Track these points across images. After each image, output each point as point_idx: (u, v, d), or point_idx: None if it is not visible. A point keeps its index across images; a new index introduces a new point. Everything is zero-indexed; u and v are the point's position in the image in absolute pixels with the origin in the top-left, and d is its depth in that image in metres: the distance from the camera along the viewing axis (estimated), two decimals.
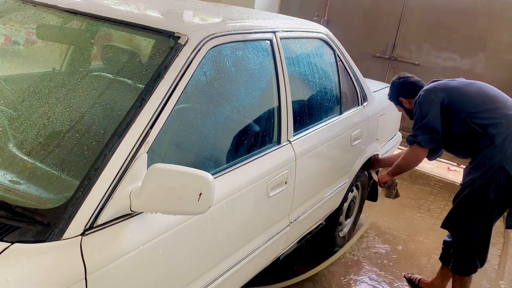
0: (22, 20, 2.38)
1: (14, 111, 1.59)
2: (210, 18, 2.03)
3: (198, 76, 1.57)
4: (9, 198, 1.18)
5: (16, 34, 3.21)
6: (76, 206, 1.15)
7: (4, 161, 1.33)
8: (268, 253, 2.01)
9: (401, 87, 2.65)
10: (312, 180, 2.23)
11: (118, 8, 1.82)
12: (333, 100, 2.52)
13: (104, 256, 1.18)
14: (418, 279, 2.81)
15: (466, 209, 2.34)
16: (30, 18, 2.29)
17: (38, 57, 2.85)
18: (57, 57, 2.46)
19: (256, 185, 1.75)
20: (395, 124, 3.47)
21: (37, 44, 3.52)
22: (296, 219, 2.13)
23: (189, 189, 1.22)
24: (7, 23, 2.40)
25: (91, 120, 1.44)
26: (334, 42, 2.55)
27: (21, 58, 3.13)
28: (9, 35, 2.97)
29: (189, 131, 1.64)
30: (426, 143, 2.41)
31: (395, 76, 2.72)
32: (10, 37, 3.11)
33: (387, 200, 3.04)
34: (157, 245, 1.33)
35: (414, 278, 2.83)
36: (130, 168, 1.26)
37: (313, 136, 2.19)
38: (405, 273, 2.90)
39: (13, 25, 2.39)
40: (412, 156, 2.52)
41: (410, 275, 2.87)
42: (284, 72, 2.01)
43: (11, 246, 1.05)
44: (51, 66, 2.38)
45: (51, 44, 2.41)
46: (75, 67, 2.06)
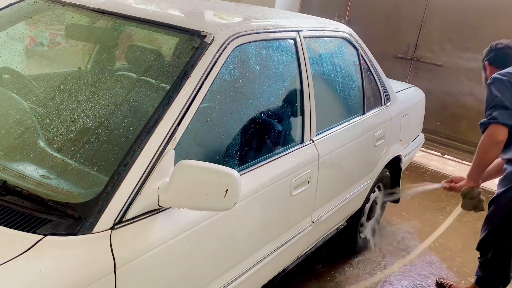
0: (50, 20, 2.44)
1: (43, 109, 1.63)
2: (235, 17, 2.05)
3: (223, 74, 1.59)
4: (41, 192, 1.21)
5: (41, 35, 3.29)
6: (106, 201, 1.18)
7: (35, 157, 1.36)
8: (290, 252, 2.00)
9: (493, 52, 2.47)
10: (334, 180, 2.22)
11: (144, 8, 1.85)
12: (356, 99, 2.50)
13: (132, 250, 1.20)
14: (449, 284, 2.75)
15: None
16: (57, 19, 2.34)
17: (63, 57, 2.91)
18: (81, 57, 2.51)
19: (279, 183, 1.75)
20: (418, 125, 3.42)
21: (61, 45, 3.60)
22: (318, 219, 2.13)
23: (215, 185, 1.23)
24: (34, 24, 2.46)
25: (119, 118, 1.47)
26: (357, 41, 2.53)
27: (46, 59, 3.21)
28: (34, 36, 3.04)
29: (214, 129, 1.66)
30: (505, 119, 2.12)
31: (497, 41, 2.54)
32: (35, 38, 3.18)
33: (408, 202, 2.96)
34: (183, 241, 1.35)
35: (445, 283, 2.76)
36: (158, 164, 1.28)
37: (336, 135, 2.18)
38: (437, 278, 2.84)
39: (39, 26, 2.45)
40: (490, 138, 2.16)
41: (442, 280, 2.80)
42: (308, 71, 2.01)
43: (44, 238, 1.08)
44: (76, 65, 2.43)
45: (75, 45, 2.47)
46: (101, 66, 2.09)
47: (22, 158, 1.35)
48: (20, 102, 1.65)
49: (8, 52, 2.15)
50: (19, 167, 1.31)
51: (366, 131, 2.46)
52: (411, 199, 3.84)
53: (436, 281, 2.81)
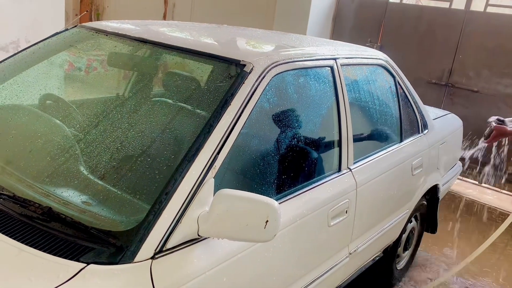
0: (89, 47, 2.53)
1: (85, 136, 1.66)
2: (272, 45, 2.06)
3: (262, 103, 1.59)
4: (83, 219, 1.22)
5: (78, 61, 3.40)
6: (147, 230, 1.17)
7: (78, 184, 1.39)
8: (326, 284, 1.94)
9: None
10: (372, 210, 2.16)
11: (184, 37, 1.89)
12: (394, 127, 2.46)
13: (172, 280, 1.18)
14: None
15: None
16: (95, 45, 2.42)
17: (100, 82, 3.00)
18: (117, 83, 2.57)
19: (317, 213, 1.72)
20: (456, 153, 3.32)
21: (96, 71, 3.72)
22: (356, 250, 2.07)
23: (255, 216, 1.22)
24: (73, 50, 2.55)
25: (160, 145, 1.48)
26: (394, 68, 2.51)
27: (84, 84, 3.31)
28: (72, 62, 3.16)
29: (252, 157, 1.65)
30: None
31: None
32: (73, 64, 3.30)
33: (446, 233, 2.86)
34: (222, 272, 1.33)
35: None
36: (198, 193, 1.27)
37: (373, 164, 2.13)
38: None
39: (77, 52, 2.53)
40: None
41: None
42: (345, 99, 1.99)
43: (87, 266, 1.09)
44: (113, 91, 2.49)
45: (111, 70, 2.54)
46: (141, 94, 2.14)
47: (65, 185, 1.38)
48: (62, 128, 1.70)
49: (48, 77, 2.23)
50: (63, 194, 1.33)
51: (403, 159, 2.40)
52: (449, 229, 3.71)
53: None
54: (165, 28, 2.15)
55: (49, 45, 2.15)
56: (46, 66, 2.14)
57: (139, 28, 2.03)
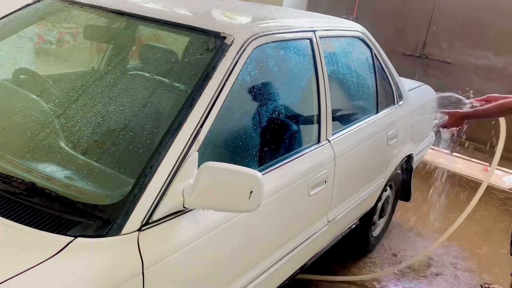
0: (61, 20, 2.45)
1: (65, 110, 1.64)
2: (251, 17, 2.05)
3: (243, 76, 1.59)
4: (69, 194, 1.22)
5: (49, 33, 3.30)
6: (133, 203, 1.19)
7: (61, 159, 1.38)
8: (306, 251, 2.02)
9: None
10: (350, 179, 2.23)
11: (162, 9, 1.86)
12: (370, 99, 2.51)
13: (160, 251, 1.21)
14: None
15: None
16: (67, 18, 2.35)
17: (72, 56, 2.92)
18: (90, 56, 2.51)
19: (297, 184, 1.76)
20: (429, 124, 3.42)
21: (68, 44, 3.61)
22: (334, 218, 2.14)
23: (240, 187, 1.25)
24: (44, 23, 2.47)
25: (142, 119, 1.48)
26: (370, 40, 2.53)
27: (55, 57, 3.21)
28: (42, 35, 3.05)
29: (234, 130, 1.67)
30: None
31: None
32: (43, 37, 3.19)
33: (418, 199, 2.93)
34: (207, 241, 1.36)
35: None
36: (183, 166, 1.29)
37: (351, 135, 2.19)
38: (482, 283, 2.82)
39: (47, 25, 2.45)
40: None
41: (487, 285, 2.78)
42: (324, 71, 2.02)
43: (74, 240, 1.10)
44: (87, 64, 2.44)
45: (83, 43, 2.48)
46: (117, 67, 2.10)
47: (48, 160, 1.37)
48: (40, 103, 1.66)
49: (19, 52, 2.16)
50: (46, 169, 1.33)
51: (379, 130, 2.46)
52: (422, 197, 3.84)
53: (481, 286, 2.80)
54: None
55: (20, 18, 2.07)
56: (16, 40, 2.07)
57: (115, 0, 1.98)
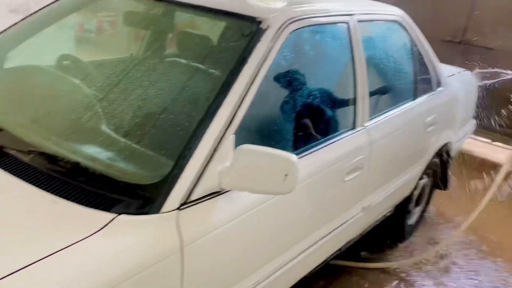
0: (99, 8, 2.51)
1: (108, 95, 1.69)
2: (287, 1, 2.03)
3: (279, 60, 1.60)
4: (111, 173, 1.27)
5: (88, 22, 3.39)
6: (172, 183, 1.23)
7: (104, 141, 1.43)
8: (340, 237, 2.02)
9: None
10: (386, 166, 2.20)
11: None
12: (408, 84, 2.45)
13: (198, 230, 1.25)
14: None
15: None
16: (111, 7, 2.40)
17: (112, 44, 2.99)
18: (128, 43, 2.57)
19: (333, 169, 1.76)
20: (469, 111, 3.31)
21: (107, 32, 3.69)
22: (369, 205, 2.12)
23: (275, 169, 1.26)
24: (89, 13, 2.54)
25: (180, 103, 1.52)
26: (409, 24, 2.47)
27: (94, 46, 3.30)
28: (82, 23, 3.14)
29: (269, 114, 1.68)
30: None
31: None
32: (83, 25, 3.28)
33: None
34: (242, 223, 1.39)
35: None
36: (219, 148, 1.32)
37: (388, 121, 2.15)
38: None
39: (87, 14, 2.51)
40: None
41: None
42: (361, 56, 1.99)
43: (117, 217, 1.15)
44: (125, 52, 2.50)
45: (121, 31, 2.53)
46: (155, 54, 2.14)
47: (91, 142, 1.42)
48: (82, 87, 1.73)
49: (60, 40, 2.24)
50: (89, 151, 1.38)
51: (417, 117, 2.41)
52: (460, 186, 3.74)
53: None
54: None
55: (61, 7, 2.14)
56: (58, 28, 2.14)
57: None
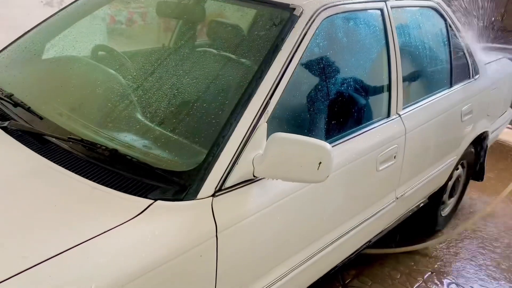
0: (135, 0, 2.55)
1: (138, 84, 1.72)
2: None
3: (311, 47, 1.58)
4: (148, 160, 1.30)
5: (119, 13, 3.45)
6: (207, 170, 1.24)
7: (139, 129, 1.46)
8: (374, 227, 2.00)
9: None
10: (420, 156, 2.15)
11: None
12: (444, 72, 2.39)
13: (232, 216, 1.26)
14: None
15: None
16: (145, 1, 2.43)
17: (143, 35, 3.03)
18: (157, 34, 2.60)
19: (366, 157, 1.74)
20: (507, 100, 3.20)
21: (137, 23, 3.75)
22: (403, 195, 2.09)
23: (309, 157, 1.25)
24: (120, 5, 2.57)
25: (215, 92, 1.53)
26: (445, 10, 2.40)
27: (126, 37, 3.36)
28: (113, 15, 3.20)
29: (303, 102, 1.67)
30: None
31: None
32: (114, 17, 3.34)
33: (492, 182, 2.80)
34: (276, 210, 1.40)
35: None
36: (253, 137, 1.32)
37: (423, 110, 2.10)
38: None
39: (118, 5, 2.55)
40: None
41: None
42: (395, 43, 1.95)
43: (155, 202, 1.17)
44: (156, 43, 2.53)
45: (150, 22, 2.56)
46: (187, 44, 2.16)
47: (128, 130, 1.45)
48: (118, 77, 1.76)
49: (94, 31, 2.28)
50: (126, 138, 1.41)
51: (453, 105, 2.35)
52: (495, 178, 3.63)
53: None
54: None
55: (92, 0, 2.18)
56: (91, 20, 2.18)
57: None
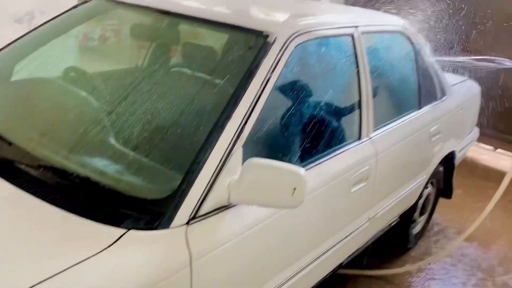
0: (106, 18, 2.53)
1: (111, 108, 1.70)
2: (292, 14, 2.05)
3: (285, 72, 1.61)
4: (121, 187, 1.28)
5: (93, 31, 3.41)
6: (182, 197, 1.23)
7: (112, 155, 1.44)
8: (347, 248, 2.02)
9: None
10: (391, 177, 2.20)
11: (206, 8, 1.90)
12: (412, 94, 2.46)
13: (206, 244, 1.25)
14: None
15: None
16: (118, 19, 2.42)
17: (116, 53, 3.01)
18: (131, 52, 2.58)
19: (339, 180, 1.77)
20: (473, 119, 3.32)
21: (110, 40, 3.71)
22: (375, 215, 2.12)
23: (284, 183, 1.27)
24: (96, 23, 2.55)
25: (188, 116, 1.53)
26: (413, 35, 2.48)
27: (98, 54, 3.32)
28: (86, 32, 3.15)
29: (276, 126, 1.68)
30: None
31: None
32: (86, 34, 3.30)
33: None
34: (251, 237, 1.39)
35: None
36: (228, 162, 1.32)
37: (393, 132, 2.16)
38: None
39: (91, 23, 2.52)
40: None
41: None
42: (365, 67, 2.00)
43: (127, 232, 1.15)
44: (129, 62, 2.51)
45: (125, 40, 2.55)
46: (162, 65, 2.15)
47: (100, 155, 1.43)
48: (90, 100, 1.74)
49: (67, 50, 2.25)
50: (98, 164, 1.39)
51: (422, 126, 2.42)
52: (464, 194, 3.74)
53: None
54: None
55: (68, 19, 2.16)
56: (64, 39, 2.15)
57: None
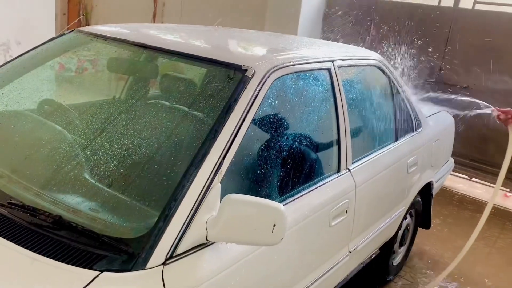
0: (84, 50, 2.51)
1: (86, 142, 1.67)
2: (270, 49, 2.09)
3: (264, 106, 1.61)
4: (94, 227, 1.24)
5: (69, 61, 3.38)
6: (158, 236, 1.19)
7: (85, 192, 1.40)
8: (328, 282, 1.98)
9: None
10: (371, 209, 2.20)
11: (185, 42, 1.90)
12: (389, 126, 2.50)
13: (183, 285, 1.21)
14: None
15: None
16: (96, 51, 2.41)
17: (93, 84, 2.98)
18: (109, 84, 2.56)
19: (319, 214, 1.75)
20: (448, 150, 3.39)
21: (88, 71, 3.69)
22: (355, 248, 2.11)
23: (263, 220, 1.25)
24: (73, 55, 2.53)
25: (165, 151, 1.50)
26: (388, 68, 2.55)
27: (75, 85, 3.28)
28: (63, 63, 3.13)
29: (255, 161, 1.68)
30: None
31: None
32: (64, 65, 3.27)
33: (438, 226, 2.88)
34: (230, 275, 1.35)
35: None
36: (206, 198, 1.30)
37: (371, 164, 2.18)
38: None
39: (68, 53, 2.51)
40: None
41: None
42: (343, 100, 2.03)
43: (100, 274, 1.10)
44: (107, 93, 2.49)
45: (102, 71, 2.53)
46: (140, 99, 2.14)
47: (73, 192, 1.39)
48: (65, 134, 1.70)
49: (43, 81, 2.22)
50: (71, 202, 1.35)
51: (399, 158, 2.45)
52: (442, 224, 3.78)
53: None
54: (164, 32, 2.16)
55: (46, 51, 2.14)
56: (40, 71, 2.13)
57: (138, 33, 2.04)
